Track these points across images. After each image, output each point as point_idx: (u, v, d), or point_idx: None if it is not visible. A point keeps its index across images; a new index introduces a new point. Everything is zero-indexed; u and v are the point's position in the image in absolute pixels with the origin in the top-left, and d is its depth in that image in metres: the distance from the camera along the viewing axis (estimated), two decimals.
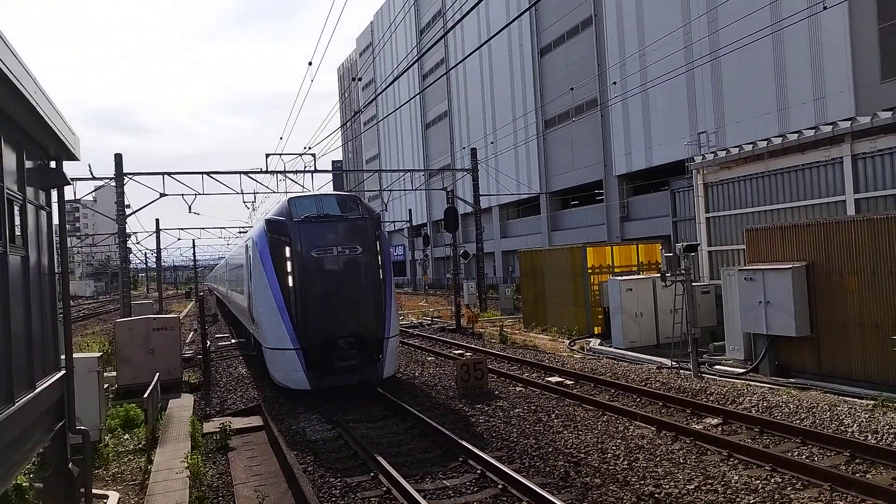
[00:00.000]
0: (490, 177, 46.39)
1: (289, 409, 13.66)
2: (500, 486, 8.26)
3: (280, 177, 30.40)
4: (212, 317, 39.57)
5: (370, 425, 12.04)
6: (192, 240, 69.46)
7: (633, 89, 33.71)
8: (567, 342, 22.29)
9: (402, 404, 12.83)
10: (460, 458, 9.52)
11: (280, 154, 30.63)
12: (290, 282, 14.11)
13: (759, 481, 8.06)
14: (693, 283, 15.76)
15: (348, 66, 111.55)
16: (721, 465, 8.78)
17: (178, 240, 70.18)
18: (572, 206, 47.82)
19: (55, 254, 7.52)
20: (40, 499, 7.51)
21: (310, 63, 19.93)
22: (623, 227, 39.95)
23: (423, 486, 8.47)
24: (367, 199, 65.62)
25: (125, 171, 28.39)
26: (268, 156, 29.62)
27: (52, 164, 7.41)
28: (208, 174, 29.56)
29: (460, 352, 20.73)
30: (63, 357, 7.48)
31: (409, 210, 69.04)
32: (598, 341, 21.35)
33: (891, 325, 12.47)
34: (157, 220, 48.08)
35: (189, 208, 39.24)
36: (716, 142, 27.86)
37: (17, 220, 5.95)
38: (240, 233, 53.80)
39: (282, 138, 46.37)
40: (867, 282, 13.08)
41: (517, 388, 14.60)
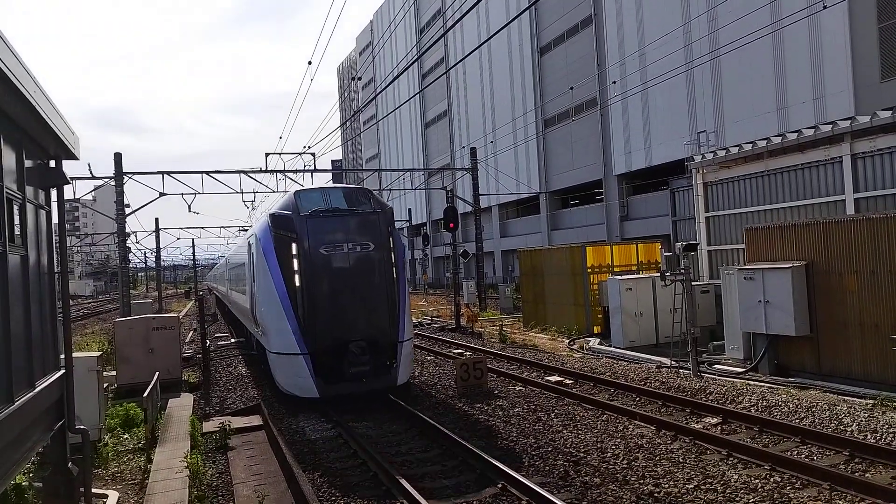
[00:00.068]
0: (490, 176, 46.38)
1: (288, 409, 13.65)
2: (499, 486, 8.27)
3: (279, 176, 30.38)
4: (211, 316, 39.57)
5: (369, 424, 12.04)
6: (192, 239, 69.61)
7: (632, 89, 33.69)
8: (566, 341, 22.30)
9: (405, 405, 12.83)
10: (460, 458, 9.53)
11: (280, 153, 30.64)
12: (297, 281, 13.16)
13: (758, 480, 8.07)
14: (692, 283, 15.77)
15: (348, 66, 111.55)
16: (720, 464, 8.78)
17: (178, 239, 70.37)
18: (572, 206, 47.81)
19: (54, 253, 7.53)
20: (40, 498, 7.51)
21: (309, 62, 19.97)
22: (622, 226, 39.95)
23: (422, 485, 8.47)
24: None
25: (125, 171, 28.36)
26: (267, 155, 29.59)
27: (52, 163, 7.42)
28: (208, 173, 29.53)
29: (460, 351, 20.73)
30: (62, 356, 7.48)
31: (409, 209, 69.05)
32: (598, 341, 21.36)
33: (890, 324, 12.48)
34: (156, 220, 48.18)
35: (189, 208, 39.44)
36: (715, 141, 27.84)
37: (16, 220, 5.95)
38: (240, 231, 53.74)
39: (281, 138, 46.46)
40: (867, 281, 13.09)
41: (517, 388, 14.60)
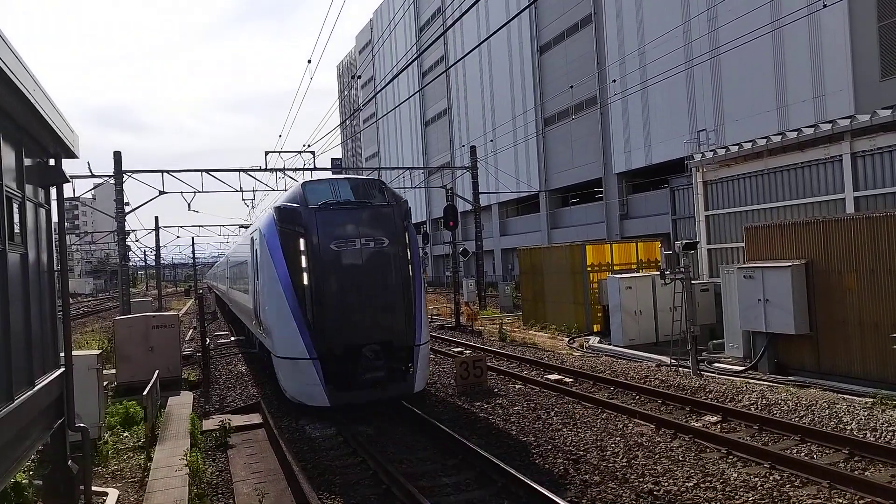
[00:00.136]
0: (489, 175, 46.36)
1: (288, 407, 13.65)
2: (499, 484, 8.28)
3: (279, 174, 30.36)
4: (211, 314, 39.58)
5: (369, 423, 12.04)
6: (192, 237, 69.66)
7: (632, 87, 33.66)
8: (566, 340, 22.31)
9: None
10: (460, 456, 9.54)
11: (279, 152, 30.57)
12: (305, 279, 12.22)
13: (757, 479, 8.07)
14: (692, 281, 15.78)
15: (347, 64, 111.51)
16: (720, 462, 8.79)
17: (178, 237, 70.39)
18: (572, 204, 47.80)
19: (54, 251, 7.53)
20: (40, 496, 7.52)
21: (309, 61, 19.97)
22: (622, 224, 39.95)
23: (422, 484, 8.48)
24: None
25: (124, 169, 28.34)
26: (267, 153, 29.53)
27: (52, 161, 7.42)
28: (207, 172, 29.51)
29: (460, 349, 20.74)
30: (62, 354, 7.49)
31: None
32: (598, 339, 21.36)
33: (890, 323, 12.48)
34: (156, 218, 48.14)
35: (188, 206, 39.51)
36: (715, 140, 27.83)
37: (16, 218, 5.96)
38: (240, 229, 53.60)
39: (281, 136, 46.52)
40: (866, 280, 13.09)
41: (516, 386, 14.61)
